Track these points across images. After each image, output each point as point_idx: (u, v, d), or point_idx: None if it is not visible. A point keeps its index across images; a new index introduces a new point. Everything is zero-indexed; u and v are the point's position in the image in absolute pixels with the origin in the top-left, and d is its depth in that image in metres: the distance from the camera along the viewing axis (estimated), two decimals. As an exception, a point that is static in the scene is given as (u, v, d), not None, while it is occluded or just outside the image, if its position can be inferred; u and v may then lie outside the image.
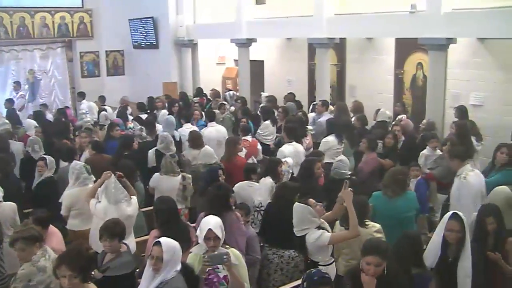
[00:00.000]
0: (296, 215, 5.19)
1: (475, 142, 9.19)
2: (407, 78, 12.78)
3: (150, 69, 19.02)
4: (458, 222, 4.73)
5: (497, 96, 10.80)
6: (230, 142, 8.82)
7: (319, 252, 5.14)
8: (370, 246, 4.26)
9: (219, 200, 5.75)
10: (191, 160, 8.87)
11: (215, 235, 4.60)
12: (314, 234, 5.13)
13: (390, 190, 6.23)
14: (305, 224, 5.13)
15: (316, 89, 13.90)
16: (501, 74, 10.71)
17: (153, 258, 4.25)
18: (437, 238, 4.82)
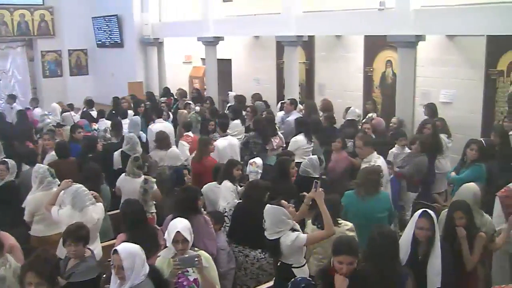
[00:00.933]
0: (269, 217, 5.08)
1: (446, 139, 9.34)
2: (377, 76, 12.90)
3: (115, 68, 18.84)
4: (428, 220, 4.77)
5: (466, 93, 10.98)
6: (201, 142, 8.75)
7: (293, 255, 5.08)
8: (341, 245, 4.25)
9: (186, 203, 5.71)
10: (158, 161, 8.80)
11: (183, 237, 4.55)
12: (290, 236, 5.05)
13: (362, 190, 6.24)
14: (279, 226, 5.05)
15: (285, 87, 13.95)
16: (470, 71, 10.89)
17: (115, 267, 4.20)
18: (407, 236, 4.84)
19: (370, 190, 6.22)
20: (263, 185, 6.35)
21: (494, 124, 10.19)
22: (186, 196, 5.82)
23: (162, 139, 9.22)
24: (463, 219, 5.26)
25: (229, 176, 7.04)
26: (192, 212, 5.62)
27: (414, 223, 4.81)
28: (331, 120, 10.55)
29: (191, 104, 13.08)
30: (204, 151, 8.58)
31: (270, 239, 5.09)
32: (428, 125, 9.14)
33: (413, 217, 4.90)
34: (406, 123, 10.53)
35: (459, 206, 5.35)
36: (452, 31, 10.46)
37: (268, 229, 5.08)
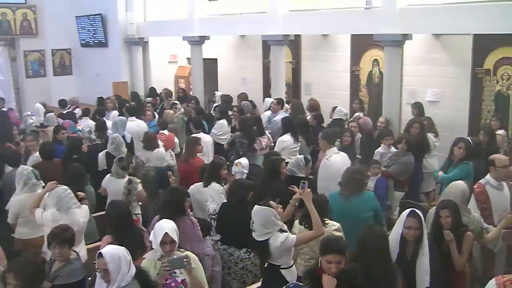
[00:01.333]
0: (258, 219, 5.06)
1: (433, 138, 9.41)
2: (363, 75, 12.95)
3: (99, 68, 18.71)
4: (416, 219, 4.79)
5: (452, 92, 11.06)
6: (189, 142, 8.76)
7: (282, 256, 5.08)
8: (329, 244, 4.28)
9: (173, 204, 5.72)
10: (144, 161, 8.78)
11: (171, 239, 4.55)
12: (279, 237, 5.05)
13: (346, 190, 6.26)
14: (269, 228, 5.03)
15: (271, 87, 13.95)
16: (457, 70, 10.97)
17: (100, 271, 4.19)
18: (395, 235, 4.87)
19: (354, 190, 6.24)
20: (247, 185, 6.39)
21: (482, 123, 10.31)
22: (173, 198, 5.82)
23: (149, 140, 9.20)
24: (449, 218, 5.30)
25: (215, 178, 7.05)
26: (179, 214, 5.62)
27: (402, 222, 4.83)
28: (319, 120, 10.58)
29: (177, 104, 13.06)
30: (191, 152, 8.59)
31: (259, 240, 5.07)
32: (416, 124, 9.19)
33: (401, 217, 4.92)
34: (393, 122, 10.61)
35: (445, 205, 5.39)
36: (439, 30, 10.54)
37: (257, 230, 5.05)
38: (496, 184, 6.35)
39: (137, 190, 7.20)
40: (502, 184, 6.40)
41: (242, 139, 9.55)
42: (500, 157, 6.61)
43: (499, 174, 6.37)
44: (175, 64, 19.08)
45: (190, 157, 8.56)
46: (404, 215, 4.87)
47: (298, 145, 9.34)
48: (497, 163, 6.40)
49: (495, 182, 6.35)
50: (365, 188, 6.55)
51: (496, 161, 6.42)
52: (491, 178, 6.39)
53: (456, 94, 10.97)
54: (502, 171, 6.36)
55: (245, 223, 5.59)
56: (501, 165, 6.37)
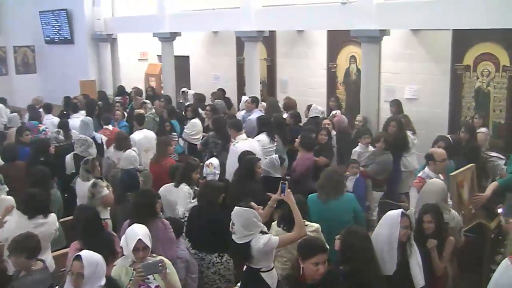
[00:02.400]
0: (239, 220, 4.97)
1: (411, 136, 9.49)
2: (340, 72, 13.02)
3: (65, 66, 18.49)
4: (407, 218, 4.84)
5: (431, 89, 11.18)
6: (160, 143, 8.73)
7: (264, 258, 5.01)
8: (313, 245, 4.34)
9: (144, 207, 5.69)
10: (116, 162, 8.73)
11: (144, 245, 4.52)
12: (262, 239, 4.97)
13: (325, 193, 6.25)
14: (251, 229, 4.94)
15: (246, 85, 13.95)
16: (436, 66, 11.09)
17: (73, 274, 4.13)
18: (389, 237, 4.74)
19: (333, 192, 6.24)
20: (218, 186, 6.38)
21: (462, 120, 10.41)
22: (144, 201, 5.78)
23: (121, 139, 9.16)
24: (432, 223, 5.34)
25: (187, 179, 7.06)
26: (150, 217, 5.60)
27: (397, 224, 4.75)
28: (296, 118, 10.60)
29: (147, 103, 12.95)
30: (163, 152, 8.58)
31: (240, 243, 5.04)
32: (393, 122, 9.24)
33: (392, 218, 4.83)
34: (371, 120, 10.66)
35: (427, 210, 5.42)
36: (417, 25, 10.62)
37: (238, 233, 4.97)
38: (435, 177, 6.60)
39: (101, 194, 7.10)
40: (439, 177, 6.68)
41: (216, 139, 9.51)
42: (438, 151, 7.00)
43: (437, 168, 6.76)
44: (145, 62, 18.99)
45: (161, 158, 8.53)
46: (396, 216, 4.80)
47: (274, 145, 9.32)
48: (436, 157, 6.79)
49: (434, 175, 6.66)
50: (344, 190, 6.57)
51: (435, 155, 6.82)
52: (430, 171, 6.75)
53: (436, 91, 11.09)
54: (441, 164, 6.78)
55: (216, 226, 5.56)
56: (439, 159, 6.77)
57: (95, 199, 7.03)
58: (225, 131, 9.57)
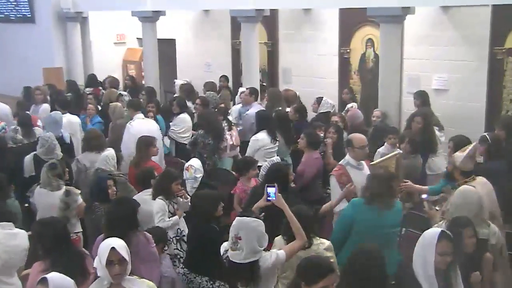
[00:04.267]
0: (250, 234, 4.97)
1: (438, 132, 9.42)
2: (355, 58, 12.98)
3: (24, 50, 18.39)
4: (449, 241, 4.68)
5: (465, 78, 11.07)
6: (141, 143, 8.74)
7: (271, 280, 5.11)
8: (321, 266, 4.37)
9: (124, 218, 5.68)
10: (88, 166, 8.74)
11: (120, 256, 4.46)
12: (268, 255, 5.05)
13: (380, 201, 6.19)
14: (261, 244, 4.98)
15: (243, 74, 13.92)
16: (470, 51, 10.98)
17: None
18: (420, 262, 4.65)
19: (389, 201, 6.25)
20: (214, 196, 6.43)
21: (501, 115, 10.31)
22: (124, 210, 5.78)
23: (92, 138, 9.13)
24: (473, 238, 5.31)
25: (165, 192, 7.13)
26: (131, 229, 5.61)
27: (433, 247, 4.62)
28: (302, 113, 10.59)
29: (124, 96, 12.88)
30: (144, 154, 8.61)
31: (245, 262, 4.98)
32: (418, 118, 9.19)
33: (426, 240, 4.72)
34: (391, 116, 10.60)
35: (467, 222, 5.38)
36: (448, 2, 10.55)
37: (246, 249, 4.94)
38: (356, 164, 7.31)
39: (77, 203, 7.13)
40: (362, 163, 7.37)
41: (206, 138, 9.51)
42: (356, 136, 7.60)
43: (357, 154, 7.35)
44: (122, 46, 18.99)
45: (142, 161, 8.54)
46: (431, 238, 4.68)
47: (275, 145, 9.36)
48: (355, 143, 7.36)
49: (354, 162, 7.31)
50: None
51: (353, 141, 7.39)
52: (351, 158, 7.37)
53: (470, 80, 11.00)
54: (360, 151, 7.37)
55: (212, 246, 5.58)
56: (358, 145, 7.35)
57: (70, 210, 7.08)
58: (216, 128, 9.55)
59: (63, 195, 7.16)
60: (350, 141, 7.45)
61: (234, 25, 14.95)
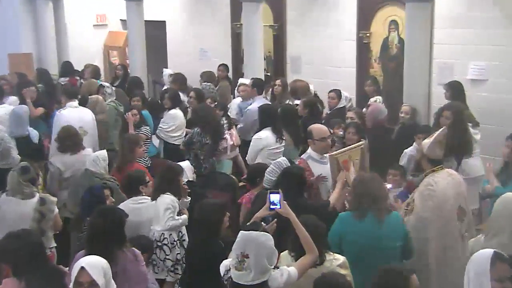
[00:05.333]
0: (260, 251, 4.99)
1: (472, 129, 9.38)
2: (376, 43, 12.97)
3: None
4: (506, 264, 4.51)
5: (505, 66, 11.00)
6: (125, 143, 8.81)
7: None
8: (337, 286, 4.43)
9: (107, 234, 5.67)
10: (63, 170, 8.76)
11: (90, 279, 4.49)
12: (279, 273, 5.06)
13: (369, 211, 6.21)
14: (272, 261, 5.02)
15: (244, 62, 13.99)
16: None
17: None
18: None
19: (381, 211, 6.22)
20: (220, 205, 6.47)
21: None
22: (109, 223, 5.75)
23: (66, 137, 9.14)
24: None
25: (172, 186, 7.19)
26: (117, 245, 5.61)
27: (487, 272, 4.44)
28: (313, 108, 10.58)
29: (106, 87, 12.87)
30: (129, 155, 8.65)
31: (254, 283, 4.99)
32: (447, 112, 9.14)
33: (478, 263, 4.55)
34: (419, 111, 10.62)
35: None
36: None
37: (255, 269, 4.96)
38: (318, 158, 7.63)
39: (54, 213, 7.14)
40: (325, 157, 7.59)
41: (203, 138, 9.56)
42: (316, 127, 7.89)
43: (318, 147, 7.67)
44: (103, 29, 19.02)
45: (126, 163, 8.59)
46: (484, 261, 4.51)
47: (282, 145, 9.38)
48: (315, 135, 7.68)
49: (316, 155, 7.65)
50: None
51: (313, 132, 7.71)
52: (312, 151, 7.71)
53: (511, 69, 10.99)
54: (321, 143, 7.67)
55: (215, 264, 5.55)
56: (318, 137, 7.66)
57: (46, 221, 7.08)
58: (214, 126, 9.57)
59: (37, 203, 7.14)
60: (310, 132, 7.75)
61: (235, 5, 15.01)
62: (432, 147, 6.78)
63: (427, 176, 6.83)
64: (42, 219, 7.09)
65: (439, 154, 6.86)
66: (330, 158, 7.41)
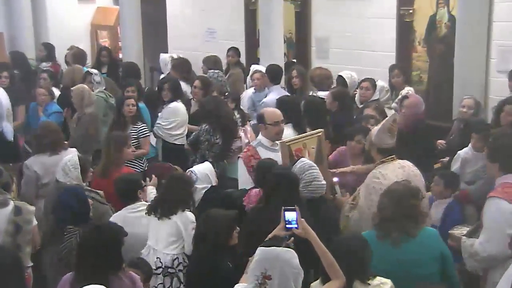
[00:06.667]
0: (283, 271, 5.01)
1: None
2: (421, 22, 12.94)
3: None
4: None
5: None
6: (110, 142, 8.86)
7: None
8: None
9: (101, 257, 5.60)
10: (41, 174, 8.76)
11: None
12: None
13: (395, 229, 6.17)
14: (298, 283, 5.05)
15: (260, 45, 13.99)
16: None
17: None
18: None
19: (409, 229, 6.17)
20: (227, 217, 6.48)
21: None
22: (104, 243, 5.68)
23: (44, 135, 9.14)
24: None
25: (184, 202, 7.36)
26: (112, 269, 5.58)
27: None
28: (343, 101, 10.56)
29: (94, 75, 12.82)
30: (116, 158, 8.77)
31: None
32: (509, 107, 9.11)
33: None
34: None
35: None
36: None
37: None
38: (269, 145, 8.16)
39: (32, 225, 7.12)
40: (277, 144, 8.07)
41: (212, 136, 9.59)
42: (269, 110, 8.48)
43: (270, 133, 8.20)
44: (91, 5, 19.16)
45: (112, 167, 8.70)
46: None
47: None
48: (267, 118, 8.17)
49: (268, 142, 8.19)
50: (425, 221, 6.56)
51: (266, 116, 8.22)
52: (263, 137, 8.27)
53: None
54: (274, 129, 8.18)
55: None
56: (270, 121, 8.16)
57: (23, 234, 7.04)
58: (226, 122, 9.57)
59: (12, 213, 7.09)
60: (262, 116, 8.28)
61: (249, -22, 15.01)
62: (380, 135, 7.10)
63: (376, 166, 7.19)
64: (17, 232, 7.04)
65: (390, 143, 7.17)
66: (282, 145, 7.76)
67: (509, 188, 6.42)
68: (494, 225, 6.29)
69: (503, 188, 6.42)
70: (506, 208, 6.19)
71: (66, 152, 8.87)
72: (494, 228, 6.29)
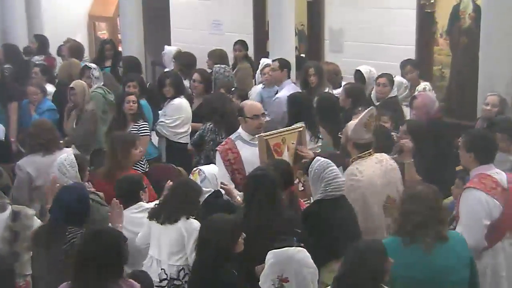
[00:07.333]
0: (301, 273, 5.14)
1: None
2: (443, 13, 13.01)
3: None
4: None
5: None
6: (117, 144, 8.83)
7: None
8: None
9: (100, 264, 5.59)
10: (34, 176, 8.79)
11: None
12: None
13: (429, 235, 6.13)
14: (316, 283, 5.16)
15: (270, 37, 14.00)
16: None
17: None
18: None
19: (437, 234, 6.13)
20: (231, 222, 6.45)
21: None
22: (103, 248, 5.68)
23: (38, 134, 9.16)
24: None
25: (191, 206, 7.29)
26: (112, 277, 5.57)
27: None
28: (359, 97, 10.59)
29: (93, 70, 12.88)
30: (123, 160, 8.70)
31: None
32: None
33: None
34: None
35: None
36: None
37: None
38: (249, 139, 8.31)
39: (30, 230, 7.11)
40: (253, 140, 8.22)
41: (218, 135, 9.65)
42: (249, 103, 8.76)
43: (249, 126, 8.34)
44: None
45: (119, 169, 8.59)
46: None
47: (318, 145, 9.40)
48: (247, 111, 8.35)
49: (247, 135, 8.34)
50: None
51: (245, 109, 8.42)
52: (243, 131, 8.41)
53: None
54: (253, 122, 8.32)
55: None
56: (250, 114, 8.32)
57: (21, 242, 7.08)
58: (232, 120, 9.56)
59: (10, 219, 7.15)
60: (241, 109, 8.48)
61: (258, -37, 15.06)
62: (357, 130, 7.35)
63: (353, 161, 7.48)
64: (15, 239, 7.08)
65: (366, 138, 7.43)
66: (259, 139, 7.96)
67: (485, 179, 6.91)
68: (472, 215, 6.77)
69: (480, 179, 6.90)
70: (483, 199, 6.74)
71: (60, 152, 8.80)
72: (471, 219, 6.76)
